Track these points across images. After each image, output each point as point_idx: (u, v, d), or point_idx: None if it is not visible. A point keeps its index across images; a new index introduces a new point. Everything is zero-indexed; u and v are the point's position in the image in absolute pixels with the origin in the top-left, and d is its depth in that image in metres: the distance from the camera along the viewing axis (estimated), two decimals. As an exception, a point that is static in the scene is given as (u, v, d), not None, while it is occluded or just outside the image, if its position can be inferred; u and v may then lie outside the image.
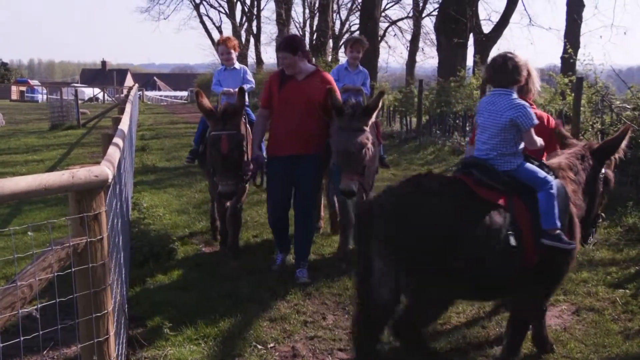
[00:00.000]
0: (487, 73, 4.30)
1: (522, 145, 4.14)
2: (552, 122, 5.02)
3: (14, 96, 57.95)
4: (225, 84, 7.47)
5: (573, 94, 10.43)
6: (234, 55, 7.64)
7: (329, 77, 6.49)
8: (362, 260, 3.97)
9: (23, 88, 63.19)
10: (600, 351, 4.71)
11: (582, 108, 10.16)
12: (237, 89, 6.63)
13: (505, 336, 4.49)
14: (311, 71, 6.30)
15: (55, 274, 3.00)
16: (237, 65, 7.72)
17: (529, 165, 4.10)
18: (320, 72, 6.42)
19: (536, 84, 4.72)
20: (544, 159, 4.56)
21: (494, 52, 21.30)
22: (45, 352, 4.61)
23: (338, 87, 6.69)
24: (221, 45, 7.61)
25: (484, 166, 4.10)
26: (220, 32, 60.31)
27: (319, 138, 6.24)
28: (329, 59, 27.49)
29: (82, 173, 3.13)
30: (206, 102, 6.40)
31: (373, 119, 6.04)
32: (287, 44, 6.15)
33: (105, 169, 3.32)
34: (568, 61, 15.47)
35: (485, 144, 4.16)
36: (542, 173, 4.02)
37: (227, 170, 6.14)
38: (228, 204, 6.90)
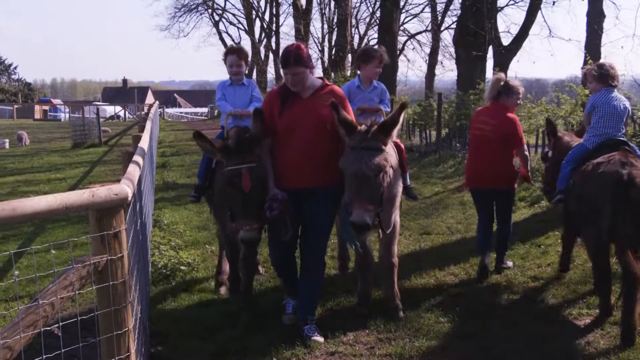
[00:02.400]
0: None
1: None
2: None
3: (37, 115, 58.65)
4: (231, 101, 6.34)
5: (594, 105, 10.36)
6: (245, 69, 6.55)
7: (340, 90, 5.48)
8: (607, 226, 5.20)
9: (46, 107, 63.90)
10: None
11: (603, 119, 10.07)
12: (249, 110, 5.84)
13: None
14: (318, 86, 5.24)
15: (77, 292, 3.03)
16: (245, 80, 6.53)
17: None
18: (329, 87, 5.31)
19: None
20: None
21: (513, 65, 21.29)
22: (68, 369, 4.63)
23: (352, 108, 5.74)
24: (231, 56, 6.38)
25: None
26: (240, 48, 60.42)
27: (333, 168, 5.05)
28: (348, 73, 27.54)
29: (102, 192, 3.17)
30: (210, 142, 5.11)
31: (394, 137, 5.13)
32: (298, 57, 4.99)
33: (125, 188, 3.35)
34: (588, 72, 15.37)
35: (618, 130, 5.86)
36: None
37: (251, 211, 4.99)
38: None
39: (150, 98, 76.89)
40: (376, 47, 6.71)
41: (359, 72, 6.57)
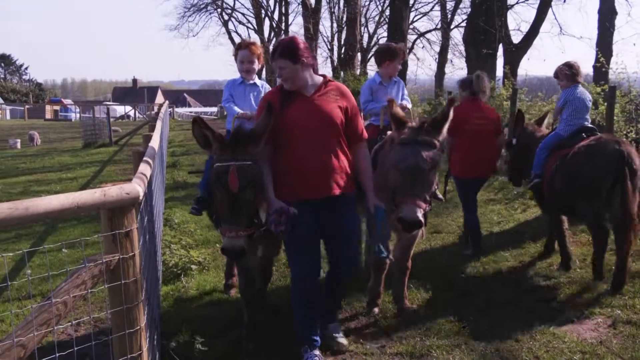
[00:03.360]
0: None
1: None
2: None
3: (48, 115, 58.97)
4: (240, 102, 5.67)
5: (606, 103, 10.32)
6: (257, 66, 5.81)
7: (344, 86, 4.93)
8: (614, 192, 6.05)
9: (57, 107, 64.27)
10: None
11: (615, 117, 10.02)
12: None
13: None
14: (320, 82, 4.72)
15: (89, 290, 3.05)
16: (257, 80, 5.85)
17: None
18: (332, 83, 4.80)
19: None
20: None
21: (524, 62, 21.25)
22: (80, 368, 4.65)
23: (376, 107, 6.13)
24: (243, 50, 5.71)
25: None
26: (249, 48, 60.45)
27: (347, 172, 4.68)
28: (357, 72, 27.53)
29: (113, 191, 3.18)
30: (211, 130, 4.46)
31: (444, 133, 4.85)
32: (284, 49, 4.52)
33: (136, 187, 3.37)
34: (600, 70, 15.31)
35: (587, 120, 6.89)
36: None
37: (237, 216, 4.29)
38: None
39: (160, 98, 77.05)
40: (396, 44, 6.61)
41: (378, 69, 6.54)
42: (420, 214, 4.51)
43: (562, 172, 6.51)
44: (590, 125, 6.89)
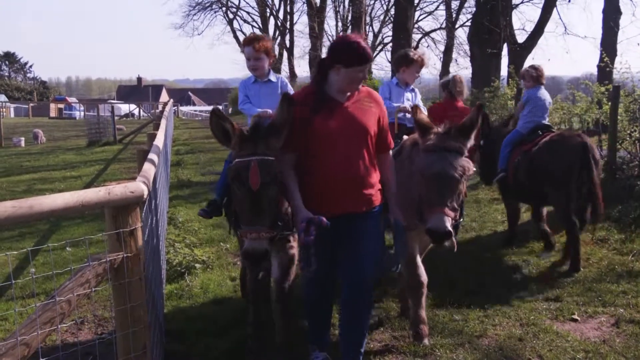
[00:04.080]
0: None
1: None
2: None
3: (53, 113, 59.06)
4: (256, 101, 5.20)
5: (610, 103, 10.30)
6: (266, 61, 5.24)
7: (375, 93, 4.51)
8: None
9: (61, 105, 64.40)
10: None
11: (619, 117, 10.01)
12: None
13: None
14: None
15: (93, 289, 3.05)
16: (272, 76, 5.32)
17: None
18: (364, 88, 4.37)
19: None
20: None
21: (528, 62, 21.20)
22: (84, 366, 4.67)
23: (391, 106, 5.86)
24: (247, 47, 5.20)
25: None
26: (254, 46, 60.61)
27: (377, 185, 4.33)
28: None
29: (118, 189, 3.19)
30: (231, 122, 4.02)
31: (472, 140, 4.49)
32: (367, 53, 4.14)
33: (140, 185, 3.38)
34: (604, 70, 15.23)
35: (544, 118, 7.58)
36: None
37: (259, 215, 3.87)
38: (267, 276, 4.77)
39: (164, 96, 77.23)
40: (414, 51, 6.40)
41: (401, 73, 6.26)
42: (449, 224, 4.13)
43: (527, 166, 7.17)
44: (546, 123, 7.64)
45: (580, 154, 6.70)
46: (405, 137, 5.48)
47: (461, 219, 4.72)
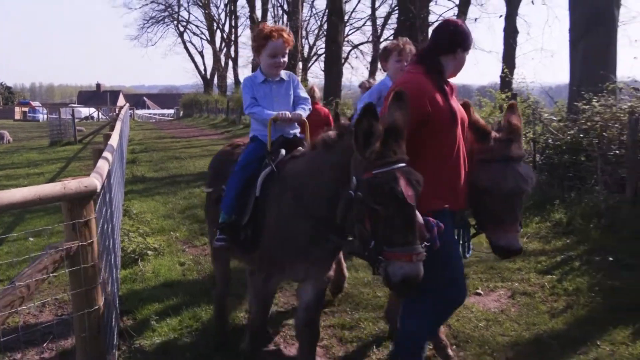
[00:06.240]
0: None
1: None
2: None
3: (17, 116, 57.43)
4: (268, 103, 3.90)
5: (509, 108, 10.60)
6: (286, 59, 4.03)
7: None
8: None
9: (25, 109, 62.62)
10: (531, 329, 4.80)
11: (516, 120, 10.32)
12: (300, 114, 3.87)
13: None
14: None
15: (50, 275, 2.99)
16: (283, 73, 4.02)
17: None
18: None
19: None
20: None
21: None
22: (45, 344, 4.56)
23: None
24: (275, 41, 3.86)
25: None
26: (202, 56, 60.46)
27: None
28: (299, 78, 27.51)
29: (73, 184, 3.13)
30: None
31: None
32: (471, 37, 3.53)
33: (94, 180, 3.31)
34: (505, 80, 15.70)
35: None
36: None
37: (413, 232, 2.88)
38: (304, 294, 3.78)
39: (121, 101, 75.66)
40: (393, 41, 5.00)
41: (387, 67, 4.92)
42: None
43: None
44: None
45: None
46: None
47: None
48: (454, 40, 3.42)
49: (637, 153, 6.93)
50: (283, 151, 3.76)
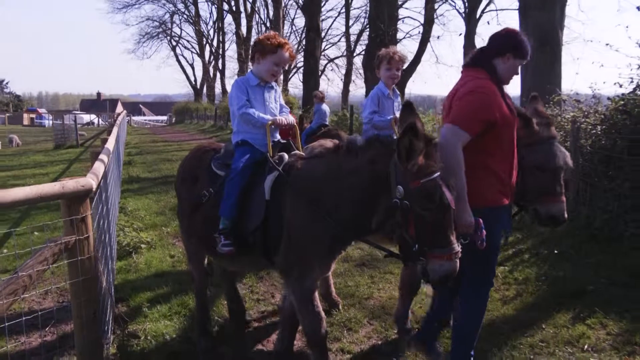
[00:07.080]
0: None
1: None
2: None
3: (26, 122, 57.17)
4: (260, 107, 3.70)
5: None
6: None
7: None
8: None
9: (33, 115, 62.22)
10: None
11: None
12: (290, 120, 3.74)
13: None
14: None
15: (50, 266, 2.98)
16: (272, 82, 3.87)
17: None
18: None
19: None
20: None
21: (409, 84, 21.73)
22: (47, 328, 4.52)
23: (384, 120, 4.51)
24: (279, 51, 3.68)
25: None
26: (193, 68, 60.18)
27: None
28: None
29: (70, 184, 3.12)
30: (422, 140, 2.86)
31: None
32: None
33: (90, 180, 3.30)
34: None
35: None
36: None
37: (453, 232, 2.86)
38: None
39: (120, 108, 74.95)
40: (383, 49, 4.82)
41: (380, 75, 4.72)
42: None
43: None
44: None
45: None
46: None
47: None
48: (505, 43, 3.34)
49: (578, 158, 7.04)
50: (285, 155, 3.55)
